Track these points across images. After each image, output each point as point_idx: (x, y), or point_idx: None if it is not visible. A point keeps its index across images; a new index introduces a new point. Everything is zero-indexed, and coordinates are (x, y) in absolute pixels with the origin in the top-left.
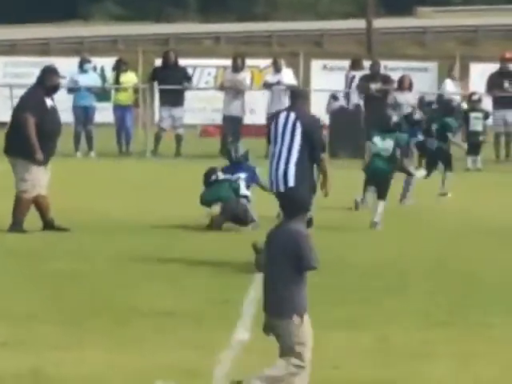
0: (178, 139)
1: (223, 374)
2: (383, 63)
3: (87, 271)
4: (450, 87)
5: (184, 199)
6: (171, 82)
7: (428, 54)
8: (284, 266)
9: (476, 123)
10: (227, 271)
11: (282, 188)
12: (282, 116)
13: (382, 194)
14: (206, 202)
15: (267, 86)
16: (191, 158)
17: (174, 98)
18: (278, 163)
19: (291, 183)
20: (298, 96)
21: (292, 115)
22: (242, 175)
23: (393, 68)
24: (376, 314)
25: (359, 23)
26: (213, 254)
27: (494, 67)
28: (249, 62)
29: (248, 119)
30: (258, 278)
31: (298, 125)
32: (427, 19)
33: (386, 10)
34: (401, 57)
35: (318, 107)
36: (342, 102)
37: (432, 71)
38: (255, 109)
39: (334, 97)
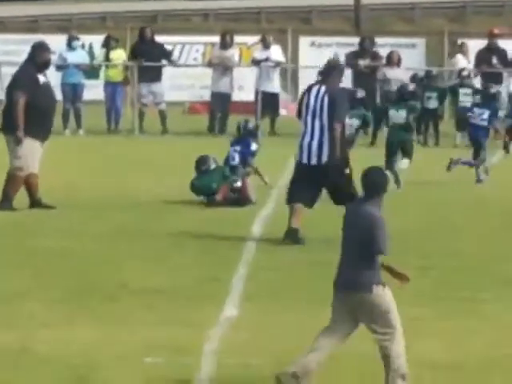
0: (162, 116)
1: (212, 351)
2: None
3: (76, 249)
4: (462, 63)
5: (172, 176)
6: (149, 59)
7: (416, 30)
8: (357, 247)
9: (465, 99)
10: (216, 248)
11: (314, 161)
12: (314, 89)
13: (407, 156)
14: (195, 190)
15: (255, 62)
16: (179, 135)
17: (152, 74)
18: (311, 137)
19: (325, 157)
20: (331, 70)
21: (322, 89)
22: (238, 148)
23: (381, 44)
24: None
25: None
26: (202, 230)
27: (482, 43)
28: (237, 38)
29: (236, 96)
30: (247, 255)
31: (326, 98)
32: None
33: None
34: (389, 33)
35: (306, 83)
36: None
37: (420, 47)
38: (244, 85)
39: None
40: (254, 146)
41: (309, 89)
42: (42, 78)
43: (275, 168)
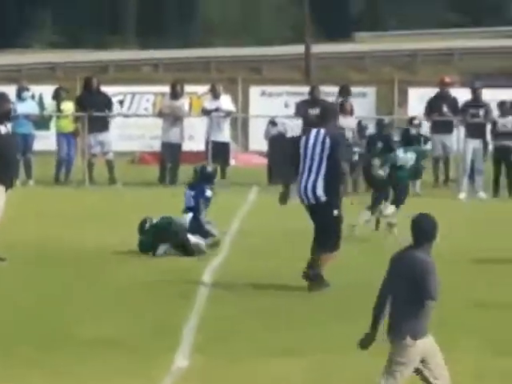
0: (110, 165)
1: None
2: (322, 88)
3: (23, 300)
4: None
5: (123, 227)
6: (95, 109)
7: (367, 78)
8: (406, 292)
9: None
10: (167, 298)
11: (312, 200)
12: (313, 132)
13: (398, 201)
14: (144, 249)
15: (206, 112)
16: (130, 185)
17: (99, 124)
18: (308, 177)
19: (321, 196)
20: (328, 113)
21: (322, 131)
22: (192, 193)
23: (332, 93)
24: (323, 339)
25: (298, 49)
26: (152, 280)
27: (432, 91)
28: (187, 88)
29: (187, 146)
30: (198, 304)
31: (327, 140)
32: (365, 44)
33: (324, 35)
34: (340, 82)
35: (257, 133)
36: (280, 127)
37: (370, 96)
38: (194, 135)
39: (272, 123)
40: (208, 193)
41: (308, 132)
42: (3, 129)
43: (226, 217)
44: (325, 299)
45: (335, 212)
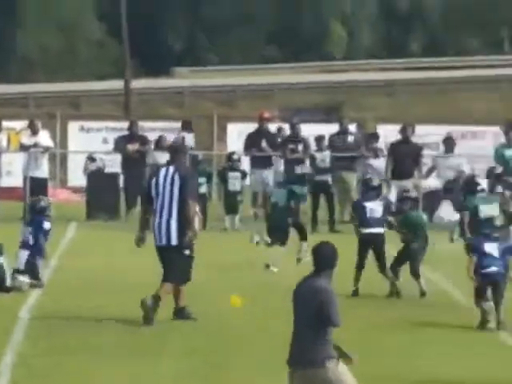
0: None
1: None
2: (141, 124)
3: None
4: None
5: None
6: None
7: (186, 114)
8: (309, 321)
9: (234, 183)
10: None
11: (164, 242)
12: (163, 171)
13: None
14: None
15: (24, 148)
16: None
17: None
18: (160, 217)
19: (173, 238)
20: (177, 151)
21: (171, 169)
22: (30, 229)
23: (152, 128)
24: (148, 374)
25: (117, 84)
26: None
27: (250, 127)
28: (5, 123)
29: (4, 182)
30: (14, 341)
31: (177, 177)
32: (184, 79)
33: (145, 70)
34: (159, 117)
35: (75, 169)
36: (99, 163)
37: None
38: (12, 171)
39: (90, 158)
40: (46, 225)
41: (157, 171)
42: None
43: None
44: (148, 333)
45: (186, 252)
